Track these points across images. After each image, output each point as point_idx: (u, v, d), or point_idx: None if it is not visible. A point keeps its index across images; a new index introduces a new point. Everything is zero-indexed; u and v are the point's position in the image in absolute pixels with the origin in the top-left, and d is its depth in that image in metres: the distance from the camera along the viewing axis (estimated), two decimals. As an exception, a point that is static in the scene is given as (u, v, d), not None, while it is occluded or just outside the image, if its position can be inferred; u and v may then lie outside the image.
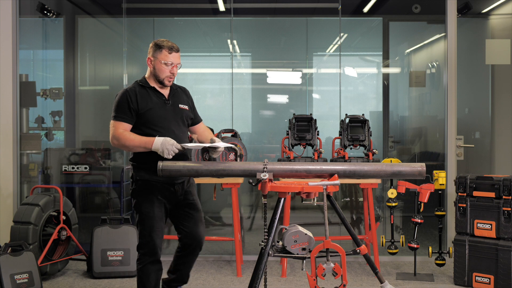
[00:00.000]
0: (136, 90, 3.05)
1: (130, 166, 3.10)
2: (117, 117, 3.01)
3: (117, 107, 3.02)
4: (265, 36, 6.39)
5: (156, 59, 3.04)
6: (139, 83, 3.09)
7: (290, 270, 4.68)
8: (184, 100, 3.19)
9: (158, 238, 3.03)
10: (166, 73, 3.04)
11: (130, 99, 3.00)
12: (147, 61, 3.09)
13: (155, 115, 3.02)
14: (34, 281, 3.88)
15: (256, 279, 2.73)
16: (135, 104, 3.00)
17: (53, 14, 5.72)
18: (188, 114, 3.17)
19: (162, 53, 3.02)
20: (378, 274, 2.86)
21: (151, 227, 3.00)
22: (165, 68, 3.03)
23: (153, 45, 3.07)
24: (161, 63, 3.02)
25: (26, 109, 5.30)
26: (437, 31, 5.94)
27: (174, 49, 3.05)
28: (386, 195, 4.61)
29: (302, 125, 4.67)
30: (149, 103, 3.03)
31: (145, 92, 3.06)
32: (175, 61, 3.05)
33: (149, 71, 3.10)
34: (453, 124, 5.00)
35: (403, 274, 4.52)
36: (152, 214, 3.01)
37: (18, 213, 4.27)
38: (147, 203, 3.01)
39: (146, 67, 3.16)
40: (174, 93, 3.15)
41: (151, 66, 3.07)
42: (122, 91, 3.06)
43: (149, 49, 3.10)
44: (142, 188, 3.03)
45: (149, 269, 3.03)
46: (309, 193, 2.79)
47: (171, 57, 3.03)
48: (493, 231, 4.07)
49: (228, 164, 2.85)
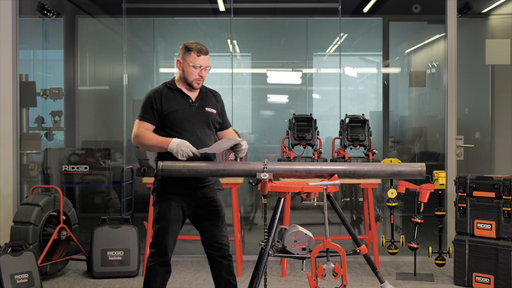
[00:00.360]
0: (162, 92, 3.04)
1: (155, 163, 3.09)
2: (140, 116, 3.02)
3: (142, 107, 3.04)
4: (265, 36, 6.39)
5: (185, 61, 3.02)
6: (167, 85, 3.08)
7: (290, 270, 4.68)
8: (212, 104, 3.14)
9: (170, 240, 3.00)
10: (194, 76, 3.02)
11: (154, 101, 3.00)
12: (177, 63, 3.07)
13: (178, 117, 3.00)
14: (34, 281, 3.88)
15: (256, 279, 2.73)
16: (159, 106, 2.99)
17: (53, 14, 5.72)
18: (215, 118, 3.12)
19: (191, 56, 3.00)
20: (378, 274, 2.86)
21: (164, 228, 2.99)
22: (194, 71, 3.01)
23: (182, 48, 3.05)
24: (189, 65, 3.00)
25: (26, 109, 5.30)
26: (437, 31, 5.94)
27: (203, 52, 3.02)
28: (386, 195, 4.61)
29: (302, 125, 4.67)
30: (174, 105, 3.01)
31: (171, 93, 3.05)
32: (203, 64, 3.03)
33: (179, 73, 3.08)
34: (453, 124, 5.00)
35: (403, 274, 4.52)
36: (167, 215, 2.99)
37: (18, 213, 4.27)
38: (164, 204, 3.00)
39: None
40: (202, 96, 3.11)
41: (180, 68, 3.05)
42: (148, 92, 3.07)
43: (179, 51, 3.08)
44: (162, 187, 3.01)
45: (157, 269, 3.02)
46: (309, 193, 2.79)
47: (199, 60, 3.01)
48: (493, 231, 4.06)
49: (228, 164, 2.84)
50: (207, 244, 3.13)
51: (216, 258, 3.12)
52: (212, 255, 3.13)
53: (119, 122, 5.64)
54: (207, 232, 3.10)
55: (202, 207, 3.07)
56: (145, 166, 4.44)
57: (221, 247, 3.12)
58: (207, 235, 3.11)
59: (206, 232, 3.11)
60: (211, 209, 3.09)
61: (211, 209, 3.09)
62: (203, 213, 3.09)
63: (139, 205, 5.66)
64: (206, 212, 3.09)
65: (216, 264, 3.14)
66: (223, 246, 3.12)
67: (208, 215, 3.09)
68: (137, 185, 5.75)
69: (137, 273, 4.45)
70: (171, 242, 3.01)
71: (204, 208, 3.08)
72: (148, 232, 4.58)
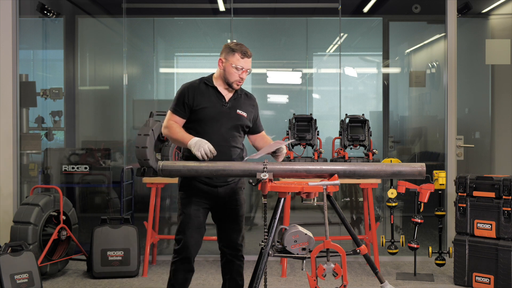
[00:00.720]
0: (197, 87, 3.04)
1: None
2: (172, 108, 3.04)
3: (175, 99, 3.05)
4: (265, 36, 6.38)
5: (227, 61, 3.00)
6: (204, 81, 3.08)
7: (290, 270, 4.68)
8: (245, 107, 3.12)
9: (192, 238, 2.99)
10: (235, 77, 3.01)
11: (187, 95, 3.01)
12: (218, 62, 3.05)
13: (207, 114, 3.00)
14: (34, 281, 3.88)
15: (256, 279, 2.73)
16: (191, 100, 3.00)
17: (53, 14, 5.72)
18: (244, 122, 3.09)
19: (235, 57, 2.99)
20: (378, 274, 2.86)
21: (185, 225, 2.99)
22: (235, 72, 3.00)
23: (226, 47, 3.04)
24: (232, 66, 2.99)
25: (26, 109, 5.30)
26: (437, 31, 5.94)
27: (247, 55, 3.01)
28: (386, 195, 4.61)
29: (302, 125, 4.67)
30: (205, 102, 3.01)
31: (206, 90, 3.04)
32: (246, 66, 3.02)
33: (219, 72, 3.07)
34: (453, 124, 5.00)
35: (403, 274, 4.52)
36: (188, 212, 2.99)
37: (18, 213, 4.27)
38: (186, 200, 3.01)
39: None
40: (236, 97, 3.09)
41: (222, 67, 3.03)
42: (184, 85, 3.08)
43: (222, 50, 3.06)
44: (186, 184, 3.02)
45: (178, 266, 3.02)
46: (309, 193, 2.79)
47: (243, 62, 3.00)
48: (493, 231, 4.06)
49: (228, 164, 2.84)
50: (222, 241, 3.14)
51: (228, 257, 3.14)
52: (225, 252, 3.14)
53: (119, 122, 5.64)
54: (224, 229, 3.12)
55: (223, 205, 3.08)
56: (145, 166, 4.44)
57: (235, 246, 3.13)
58: (223, 232, 3.13)
59: (222, 230, 3.13)
60: (231, 207, 3.10)
61: (231, 207, 3.10)
62: (223, 210, 3.10)
63: (139, 205, 5.66)
64: (225, 210, 3.10)
65: (228, 262, 3.16)
66: (238, 245, 3.14)
67: (227, 213, 3.10)
68: (137, 185, 5.75)
69: (137, 273, 4.45)
70: (193, 239, 3.00)
71: (224, 206, 3.09)
72: (148, 232, 4.58)
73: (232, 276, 3.16)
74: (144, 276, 4.47)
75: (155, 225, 4.85)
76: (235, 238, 3.12)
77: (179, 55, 6.74)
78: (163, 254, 5.21)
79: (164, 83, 6.60)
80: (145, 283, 4.30)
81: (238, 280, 3.17)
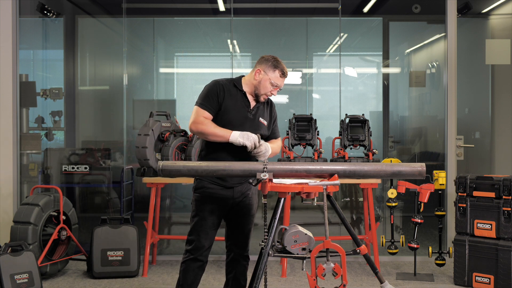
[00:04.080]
0: (228, 87, 3.01)
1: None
2: (202, 104, 2.96)
3: (205, 95, 2.98)
4: (265, 36, 6.39)
5: (266, 75, 2.98)
6: (234, 83, 3.03)
7: (290, 270, 4.68)
8: (265, 114, 3.12)
9: (203, 238, 3.00)
10: (266, 92, 3.01)
11: (220, 93, 2.97)
12: (256, 71, 3.00)
13: (232, 119, 2.97)
14: (34, 281, 3.88)
15: (256, 279, 2.73)
16: (221, 99, 2.96)
17: (53, 14, 5.72)
18: (264, 130, 3.09)
19: (275, 74, 2.98)
20: (378, 274, 2.86)
21: (199, 227, 3.00)
22: (269, 87, 2.99)
23: (268, 61, 3.00)
24: (269, 81, 2.98)
25: (26, 109, 5.30)
26: (437, 31, 5.94)
27: (285, 75, 3.01)
28: (386, 195, 4.61)
29: (302, 125, 4.67)
30: (233, 105, 2.99)
31: (235, 93, 3.02)
32: (281, 85, 3.02)
33: (251, 78, 3.03)
34: (453, 124, 5.00)
35: (403, 274, 4.52)
36: (203, 215, 3.00)
37: (18, 213, 4.27)
38: (200, 200, 3.01)
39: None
40: (259, 105, 3.09)
41: (257, 78, 2.99)
42: (214, 81, 3.02)
43: (261, 60, 3.02)
44: (201, 184, 3.02)
45: (188, 265, 3.02)
46: (309, 193, 2.79)
47: (280, 80, 3.00)
48: (493, 231, 4.06)
49: (228, 164, 2.84)
50: (230, 239, 3.16)
51: (234, 256, 3.15)
52: (232, 250, 3.15)
53: (119, 122, 5.64)
54: (235, 228, 3.13)
55: (236, 204, 3.09)
56: (145, 166, 4.44)
57: (242, 246, 3.14)
58: (232, 231, 3.14)
59: (233, 228, 3.14)
60: (243, 206, 3.11)
61: (243, 206, 3.11)
62: (235, 209, 3.10)
63: (139, 205, 5.66)
64: (238, 209, 3.10)
65: (233, 261, 3.17)
66: (245, 245, 3.15)
67: (238, 212, 3.11)
68: (137, 185, 5.75)
69: (137, 273, 4.45)
70: (206, 241, 3.01)
71: (237, 205, 3.09)
72: (148, 232, 4.58)
73: (236, 276, 3.17)
74: (144, 276, 4.47)
75: (155, 225, 4.85)
76: (244, 237, 3.14)
77: (179, 55, 6.74)
78: (163, 254, 5.21)
79: (164, 83, 6.60)
80: (145, 283, 4.30)
81: (241, 280, 3.17)
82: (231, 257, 3.17)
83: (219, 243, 5.43)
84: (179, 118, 5.80)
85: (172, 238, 5.51)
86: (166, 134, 4.47)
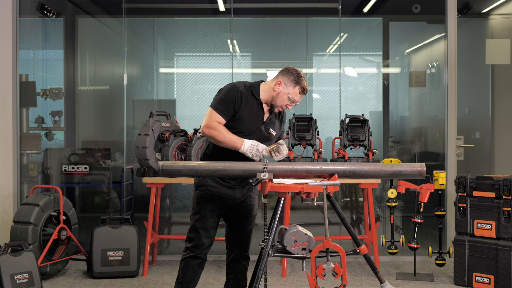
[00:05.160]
0: (246, 95, 2.95)
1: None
2: (217, 108, 2.90)
3: (222, 99, 2.92)
4: (265, 36, 6.39)
5: (286, 88, 2.94)
6: (252, 92, 2.97)
7: (290, 270, 4.68)
8: (276, 126, 3.10)
9: (204, 236, 3.00)
10: (282, 105, 2.98)
11: (237, 100, 2.91)
12: (276, 82, 2.95)
13: (244, 126, 2.94)
14: (34, 281, 3.88)
15: (256, 279, 2.73)
16: (238, 107, 2.91)
17: (53, 14, 5.72)
18: (272, 140, 3.07)
19: (295, 89, 2.94)
20: (378, 274, 2.86)
21: (199, 224, 3.00)
22: (286, 101, 2.96)
23: (291, 75, 2.95)
24: (287, 95, 2.94)
25: (26, 109, 5.30)
26: (437, 31, 5.94)
27: (305, 92, 2.98)
28: (386, 195, 4.61)
29: (302, 125, 4.67)
30: (248, 114, 2.95)
31: (252, 101, 2.96)
32: (298, 101, 3.00)
33: (270, 89, 2.97)
34: (453, 124, 5.00)
35: (403, 274, 4.52)
36: (203, 213, 3.00)
37: (18, 213, 4.27)
38: (201, 199, 3.01)
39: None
40: (271, 117, 3.06)
41: (276, 89, 2.95)
42: (233, 86, 2.95)
43: (284, 72, 2.97)
44: (202, 184, 3.02)
45: (188, 262, 3.03)
46: (309, 193, 2.79)
47: (299, 97, 2.98)
48: (493, 231, 4.06)
49: (228, 164, 2.84)
50: (231, 239, 3.16)
51: (234, 256, 3.16)
52: (233, 251, 3.16)
53: (119, 122, 5.64)
54: (235, 228, 3.13)
55: (238, 204, 3.09)
56: (145, 166, 4.44)
57: (243, 246, 3.14)
58: (234, 231, 3.14)
59: (234, 228, 3.14)
60: (244, 207, 3.11)
61: (245, 207, 3.11)
62: (236, 210, 3.11)
63: (139, 205, 5.66)
64: (238, 209, 3.11)
65: (233, 261, 3.17)
66: (245, 246, 3.15)
67: (239, 213, 3.11)
68: (137, 185, 5.75)
69: (137, 273, 4.45)
70: (206, 239, 3.02)
71: (239, 205, 3.10)
72: (148, 232, 4.58)
73: (236, 276, 3.17)
74: (144, 276, 4.47)
75: (155, 225, 4.85)
76: (245, 238, 3.14)
77: (179, 55, 6.74)
78: (163, 254, 5.21)
79: (164, 83, 6.60)
80: (145, 283, 4.30)
81: (241, 280, 3.18)
82: (231, 258, 3.18)
83: (219, 243, 5.43)
84: (179, 118, 5.81)
85: (172, 238, 5.51)
86: (166, 134, 4.48)
